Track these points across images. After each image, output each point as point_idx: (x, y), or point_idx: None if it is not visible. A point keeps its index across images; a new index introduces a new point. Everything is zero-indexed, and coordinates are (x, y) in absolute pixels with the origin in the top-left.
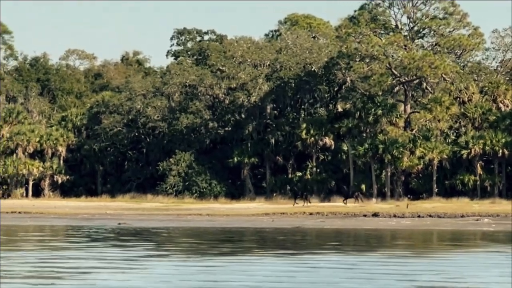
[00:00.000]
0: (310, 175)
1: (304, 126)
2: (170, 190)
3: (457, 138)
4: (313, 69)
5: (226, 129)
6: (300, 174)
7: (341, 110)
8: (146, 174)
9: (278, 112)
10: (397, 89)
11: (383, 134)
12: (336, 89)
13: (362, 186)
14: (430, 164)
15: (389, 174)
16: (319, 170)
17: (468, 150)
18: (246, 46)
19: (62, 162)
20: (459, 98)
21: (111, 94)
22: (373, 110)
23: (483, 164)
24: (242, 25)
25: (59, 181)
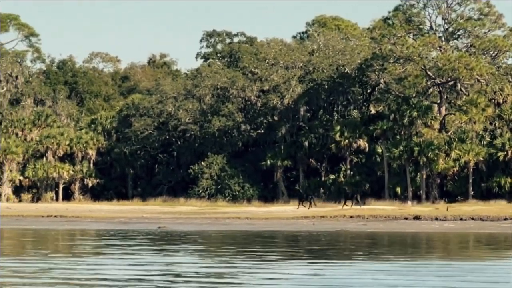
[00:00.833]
0: (343, 178)
1: (338, 128)
2: (202, 193)
3: (492, 140)
4: (346, 70)
5: (259, 131)
6: (333, 176)
7: (374, 112)
8: (177, 177)
9: (311, 114)
10: (431, 90)
11: (418, 136)
12: (369, 91)
13: (397, 189)
14: (465, 166)
15: (424, 176)
16: (353, 172)
17: (504, 152)
18: (278, 48)
19: (92, 165)
20: (494, 100)
21: (141, 96)
22: (408, 112)
23: None
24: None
25: (89, 184)
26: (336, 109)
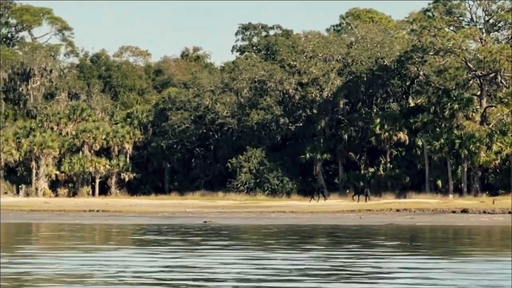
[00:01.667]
0: (383, 171)
1: (377, 121)
2: (241, 187)
3: None
4: (385, 63)
5: (297, 124)
6: (372, 170)
7: (413, 104)
8: (215, 171)
9: (350, 107)
10: (471, 83)
11: (459, 129)
12: (408, 83)
13: (438, 182)
14: (507, 159)
15: (465, 169)
16: (393, 166)
17: None
18: (316, 40)
19: (128, 159)
20: None
21: (177, 90)
22: (448, 104)
23: None
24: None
25: (126, 179)
26: (375, 101)
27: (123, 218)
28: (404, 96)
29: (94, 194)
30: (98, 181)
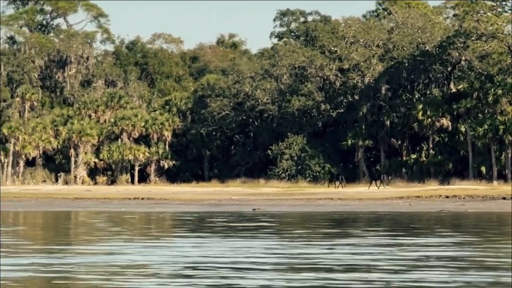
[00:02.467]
0: (425, 158)
1: (420, 107)
2: (282, 174)
3: None
4: (426, 48)
5: (338, 111)
6: (414, 156)
7: (455, 90)
8: (255, 158)
9: (391, 93)
10: None
11: (503, 115)
12: (449, 69)
13: (482, 168)
14: None
15: (509, 155)
16: (435, 152)
17: None
18: (356, 26)
19: (167, 147)
20: None
21: (216, 77)
22: (492, 90)
23: None
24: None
25: (165, 166)
26: (416, 87)
27: (170, 206)
28: (445, 81)
29: (133, 182)
30: (137, 168)
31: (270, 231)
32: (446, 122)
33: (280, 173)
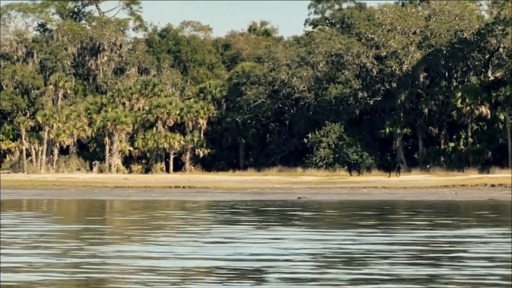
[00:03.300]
0: (464, 146)
1: (459, 95)
2: (320, 162)
3: None
4: (464, 36)
5: (376, 99)
6: (453, 144)
7: (493, 78)
8: (291, 146)
9: (429, 81)
10: None
11: None
12: (487, 56)
13: None
14: None
15: None
16: (474, 140)
17: None
18: (393, 13)
19: (202, 135)
20: None
21: (251, 64)
22: None
23: None
24: None
25: (200, 155)
26: (454, 75)
27: (213, 194)
28: (483, 69)
29: (168, 170)
30: (172, 157)
31: (342, 221)
32: (485, 110)
33: (317, 161)
